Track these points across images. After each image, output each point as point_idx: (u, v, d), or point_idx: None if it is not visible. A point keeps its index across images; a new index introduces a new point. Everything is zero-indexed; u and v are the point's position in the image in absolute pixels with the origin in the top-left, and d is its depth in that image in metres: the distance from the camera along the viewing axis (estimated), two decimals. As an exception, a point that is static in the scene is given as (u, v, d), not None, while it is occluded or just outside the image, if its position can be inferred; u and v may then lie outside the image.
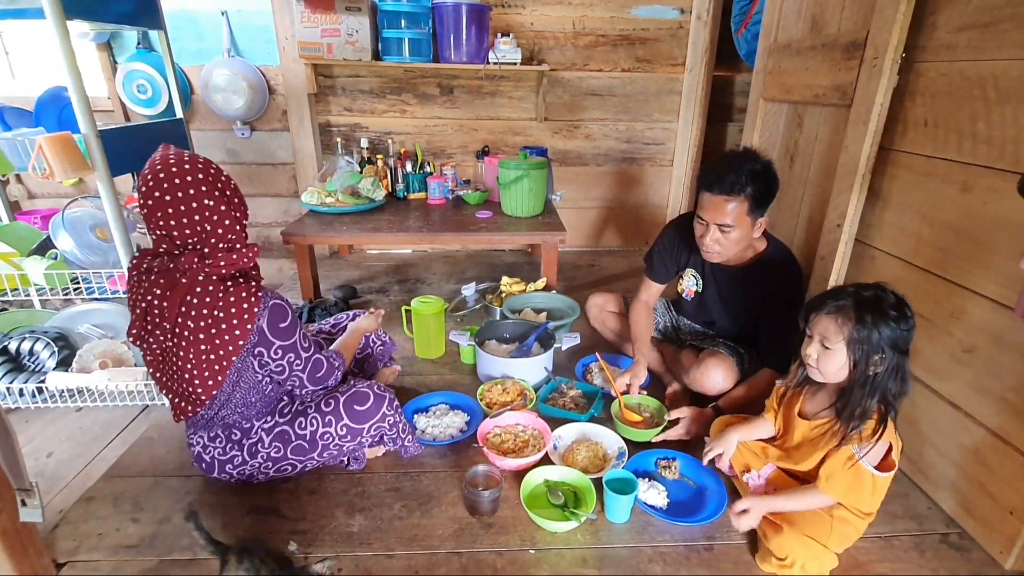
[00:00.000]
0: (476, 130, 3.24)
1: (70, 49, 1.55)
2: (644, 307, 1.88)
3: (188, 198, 1.13)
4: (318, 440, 1.37)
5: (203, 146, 3.06)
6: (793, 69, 2.00)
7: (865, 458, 1.14)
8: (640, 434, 1.61)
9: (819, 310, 1.17)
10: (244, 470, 1.38)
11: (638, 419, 1.67)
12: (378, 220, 2.61)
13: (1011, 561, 1.25)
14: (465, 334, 2.04)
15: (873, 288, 1.15)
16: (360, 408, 1.38)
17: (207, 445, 1.37)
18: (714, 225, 1.53)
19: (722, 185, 1.47)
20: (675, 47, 3.14)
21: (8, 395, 1.87)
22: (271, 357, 1.25)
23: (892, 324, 1.10)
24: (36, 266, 1.91)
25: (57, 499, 1.52)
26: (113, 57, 2.87)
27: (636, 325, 1.86)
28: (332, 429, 1.36)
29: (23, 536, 1.03)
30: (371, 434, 1.41)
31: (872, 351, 1.11)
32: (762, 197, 1.50)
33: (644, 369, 1.78)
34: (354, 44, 2.76)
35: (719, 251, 1.58)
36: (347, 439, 1.38)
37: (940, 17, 1.40)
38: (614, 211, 3.51)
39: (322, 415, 1.36)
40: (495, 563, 1.24)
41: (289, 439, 1.36)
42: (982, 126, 1.28)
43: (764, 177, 1.49)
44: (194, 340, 1.16)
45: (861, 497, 1.18)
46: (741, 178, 1.46)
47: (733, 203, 1.48)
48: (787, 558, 1.18)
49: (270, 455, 1.36)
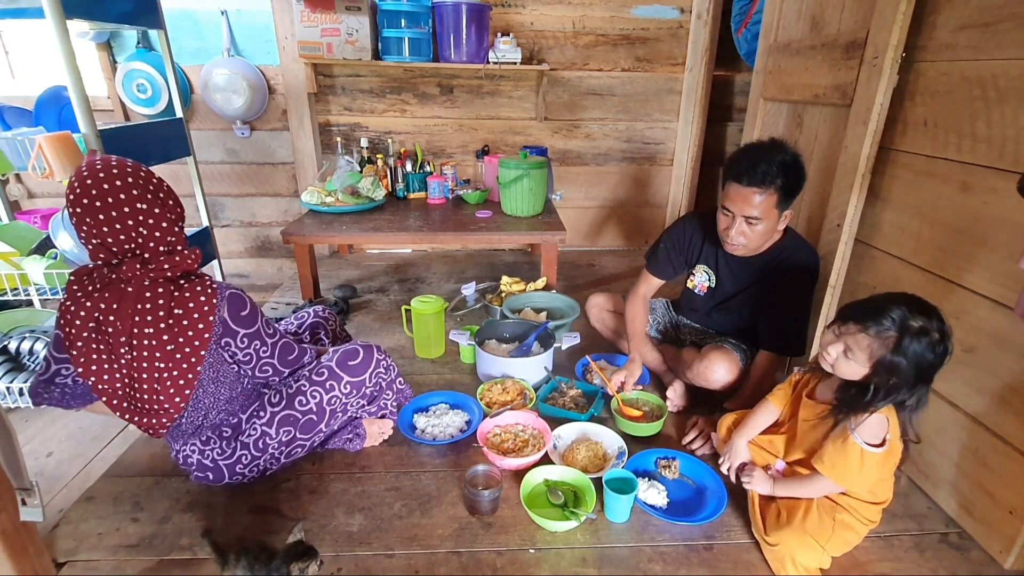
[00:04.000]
0: (476, 130, 3.24)
1: (70, 49, 1.55)
2: (642, 302, 1.87)
3: (119, 203, 1.08)
4: (326, 407, 1.40)
5: (203, 146, 3.06)
6: (793, 69, 2.00)
7: (856, 431, 1.11)
8: (642, 428, 1.61)
9: (859, 321, 1.09)
10: (257, 465, 1.39)
11: (638, 413, 1.68)
12: (378, 220, 2.61)
13: (1011, 561, 1.25)
14: (465, 334, 2.04)
15: (925, 315, 1.04)
16: (354, 363, 1.44)
17: (204, 450, 1.35)
18: (741, 217, 1.49)
19: (753, 176, 1.43)
20: (675, 47, 3.14)
21: (8, 395, 1.86)
22: (238, 347, 1.25)
23: (927, 355, 1.04)
24: (36, 265, 1.91)
25: (57, 499, 1.53)
26: (113, 56, 2.87)
27: (632, 321, 1.86)
28: (337, 391, 1.41)
29: (23, 535, 1.03)
30: (373, 383, 1.48)
31: (895, 374, 1.06)
32: (791, 189, 1.46)
33: (639, 366, 1.79)
34: (354, 44, 2.76)
35: (744, 243, 1.55)
36: (352, 395, 1.45)
37: (940, 17, 1.40)
38: (614, 211, 3.51)
39: (321, 384, 1.40)
40: (495, 563, 1.24)
41: (296, 420, 1.38)
42: (982, 126, 1.28)
43: (794, 169, 1.45)
44: (157, 344, 1.13)
45: (848, 473, 1.14)
46: (772, 169, 1.42)
47: (762, 195, 1.44)
48: (778, 545, 1.18)
49: (280, 441, 1.38)
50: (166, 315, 1.13)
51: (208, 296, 1.17)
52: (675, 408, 1.78)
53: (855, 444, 1.11)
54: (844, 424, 1.14)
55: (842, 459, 1.14)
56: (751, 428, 1.39)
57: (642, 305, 1.87)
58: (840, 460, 1.14)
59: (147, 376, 1.16)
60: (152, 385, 1.16)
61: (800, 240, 1.64)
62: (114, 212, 1.08)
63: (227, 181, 3.18)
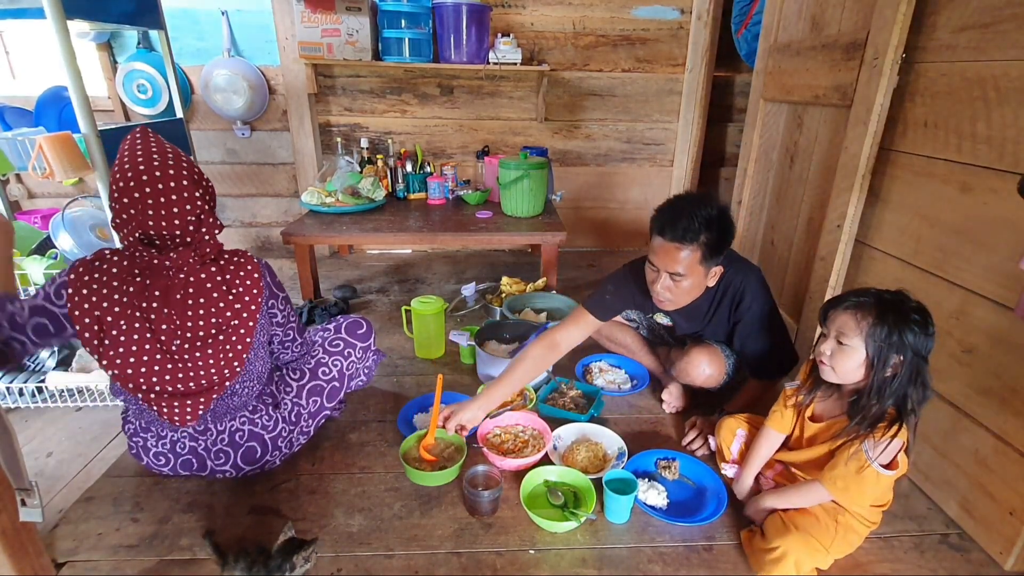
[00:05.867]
0: (476, 130, 3.24)
1: (70, 49, 1.55)
2: (548, 345, 1.61)
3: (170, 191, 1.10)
4: (345, 372, 1.60)
5: (203, 146, 3.07)
6: (793, 69, 2.00)
7: (876, 459, 1.11)
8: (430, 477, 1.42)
9: (838, 306, 1.16)
10: (291, 440, 1.47)
11: (430, 458, 1.47)
12: (378, 220, 2.61)
13: (1011, 562, 1.25)
14: (465, 334, 2.04)
15: (894, 293, 1.14)
16: (361, 331, 1.70)
17: (254, 419, 1.37)
18: (665, 273, 1.45)
19: (675, 231, 1.38)
20: (675, 47, 3.15)
21: (8, 395, 1.87)
22: (279, 309, 1.36)
23: (913, 327, 1.08)
24: (36, 266, 1.91)
25: (57, 499, 1.52)
26: (113, 57, 2.88)
27: (520, 361, 1.58)
28: (353, 357, 1.65)
29: (23, 536, 1.03)
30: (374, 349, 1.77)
31: (890, 351, 1.09)
32: (716, 245, 1.40)
33: (482, 411, 1.53)
34: (354, 44, 2.76)
35: (670, 298, 1.50)
36: (363, 359, 1.72)
37: (940, 17, 1.40)
38: (614, 211, 3.51)
39: (340, 353, 1.60)
40: (495, 563, 1.24)
41: (321, 388, 1.53)
42: (982, 126, 1.28)
43: (719, 224, 1.39)
44: (218, 321, 1.19)
45: (862, 497, 1.17)
46: (694, 224, 1.36)
47: (686, 251, 1.39)
48: (778, 548, 1.16)
49: (311, 412, 1.51)
50: (225, 292, 1.20)
51: (254, 266, 1.26)
52: (672, 409, 1.77)
53: (872, 470, 1.12)
54: (855, 446, 1.13)
55: (856, 484, 1.14)
56: (757, 461, 1.37)
57: (544, 351, 1.60)
58: (854, 485, 1.14)
59: (200, 354, 1.19)
60: (207, 361, 1.21)
61: (738, 265, 1.56)
62: (171, 197, 1.10)
63: (227, 181, 3.18)
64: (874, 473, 1.12)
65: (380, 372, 2.01)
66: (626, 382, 1.93)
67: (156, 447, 1.38)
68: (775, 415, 1.35)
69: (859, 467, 1.13)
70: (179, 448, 1.38)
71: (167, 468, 1.40)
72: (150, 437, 1.37)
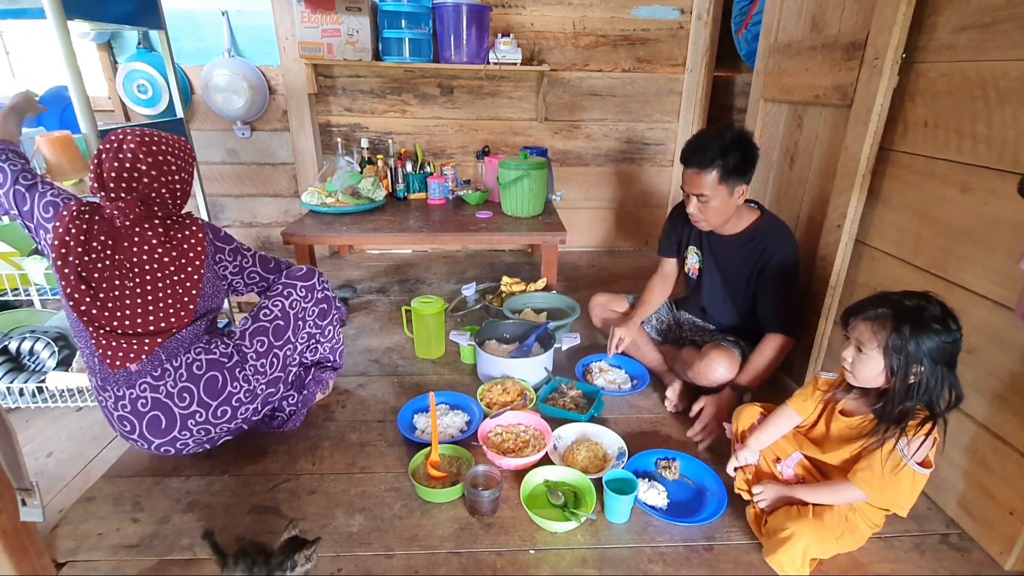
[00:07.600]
0: (476, 130, 3.24)
1: (70, 49, 1.55)
2: (660, 279, 2.00)
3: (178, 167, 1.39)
4: (289, 311, 1.58)
5: (203, 146, 3.07)
6: (793, 69, 2.00)
7: (912, 457, 1.11)
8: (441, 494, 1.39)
9: (857, 315, 1.15)
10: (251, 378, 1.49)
11: (438, 475, 1.45)
12: (378, 220, 2.62)
13: (1011, 561, 1.25)
14: (465, 334, 2.04)
15: (918, 297, 1.11)
16: (300, 274, 1.67)
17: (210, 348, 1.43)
18: (694, 196, 1.64)
19: (693, 159, 1.60)
20: (675, 47, 3.14)
21: (8, 395, 1.87)
22: (228, 260, 1.54)
23: (933, 336, 1.06)
24: (36, 266, 1.91)
25: (57, 499, 1.52)
26: (113, 57, 2.88)
27: (647, 292, 2.00)
28: (295, 295, 1.61)
29: (23, 536, 1.03)
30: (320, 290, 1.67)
31: (911, 361, 1.08)
32: (735, 166, 1.57)
33: (632, 333, 1.91)
34: (354, 44, 2.76)
35: (704, 219, 1.69)
36: (308, 299, 1.64)
37: (940, 18, 1.40)
38: (614, 211, 3.52)
39: (280, 294, 1.60)
40: (495, 563, 1.24)
41: (265, 328, 1.54)
42: (982, 127, 1.28)
43: (736, 147, 1.56)
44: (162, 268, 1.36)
45: (899, 498, 1.15)
46: (709, 150, 1.57)
47: (704, 174, 1.58)
48: (789, 529, 1.16)
49: (257, 351, 1.50)
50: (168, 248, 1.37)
51: (199, 226, 1.43)
52: (673, 408, 1.78)
53: (908, 468, 1.11)
54: (891, 445, 1.13)
55: (893, 484, 1.14)
56: (770, 435, 1.37)
57: (660, 282, 2.00)
58: (891, 485, 1.14)
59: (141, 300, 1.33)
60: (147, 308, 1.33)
61: (775, 221, 1.74)
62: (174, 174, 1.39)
63: (227, 181, 3.19)
64: (910, 472, 1.12)
65: (380, 372, 2.02)
66: (626, 382, 1.93)
67: (118, 410, 1.36)
68: (799, 397, 1.35)
69: (895, 466, 1.12)
70: (141, 405, 1.34)
71: (135, 435, 1.37)
72: (108, 399, 1.36)
